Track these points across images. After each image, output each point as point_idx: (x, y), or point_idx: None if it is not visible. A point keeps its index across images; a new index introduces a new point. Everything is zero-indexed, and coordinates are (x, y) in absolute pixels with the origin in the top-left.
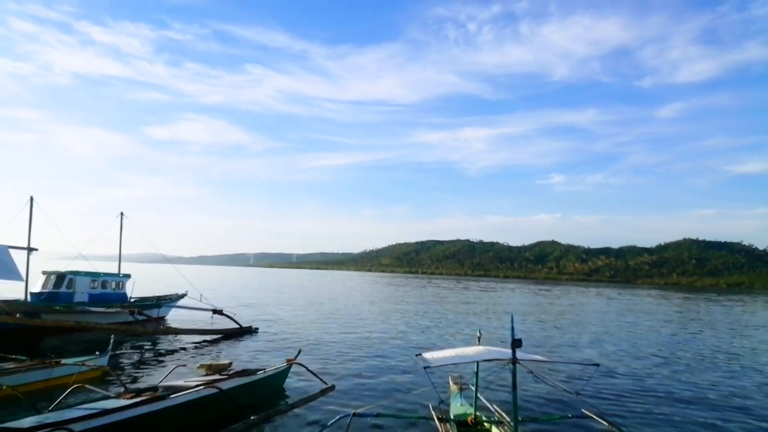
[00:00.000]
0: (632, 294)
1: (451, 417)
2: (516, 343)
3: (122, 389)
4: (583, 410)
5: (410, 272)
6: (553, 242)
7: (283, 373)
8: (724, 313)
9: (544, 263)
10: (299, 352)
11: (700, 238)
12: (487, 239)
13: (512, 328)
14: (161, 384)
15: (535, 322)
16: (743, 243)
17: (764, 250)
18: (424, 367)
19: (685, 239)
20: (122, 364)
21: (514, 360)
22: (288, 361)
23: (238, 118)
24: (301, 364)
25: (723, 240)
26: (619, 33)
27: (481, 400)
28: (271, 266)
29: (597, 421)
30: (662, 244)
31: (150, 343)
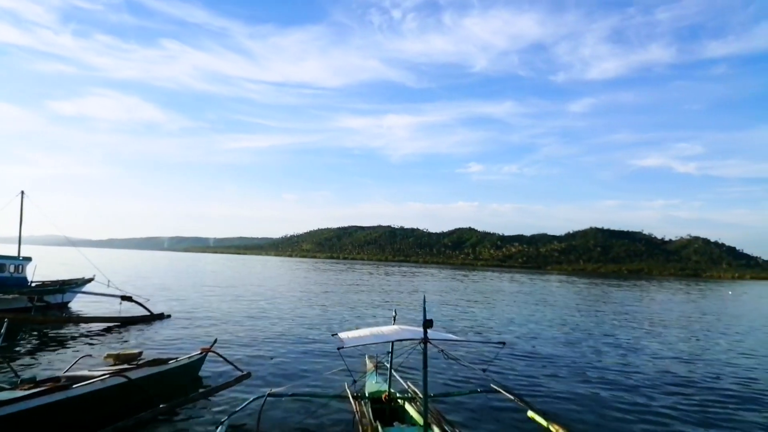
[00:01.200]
0: (542, 279)
1: (366, 395)
2: (427, 323)
3: (18, 380)
4: (491, 385)
5: (332, 258)
6: (471, 229)
7: (197, 363)
8: (625, 298)
9: (462, 249)
10: (215, 340)
11: (605, 227)
12: (408, 225)
13: (424, 309)
14: (64, 374)
15: (451, 305)
16: (643, 232)
17: (662, 239)
18: (338, 348)
19: (591, 228)
20: (18, 353)
21: (426, 339)
22: (203, 349)
23: (153, 94)
24: (216, 353)
25: (625, 229)
26: (535, 29)
27: (395, 378)
28: (187, 250)
29: (503, 394)
30: (571, 232)
31: (52, 331)
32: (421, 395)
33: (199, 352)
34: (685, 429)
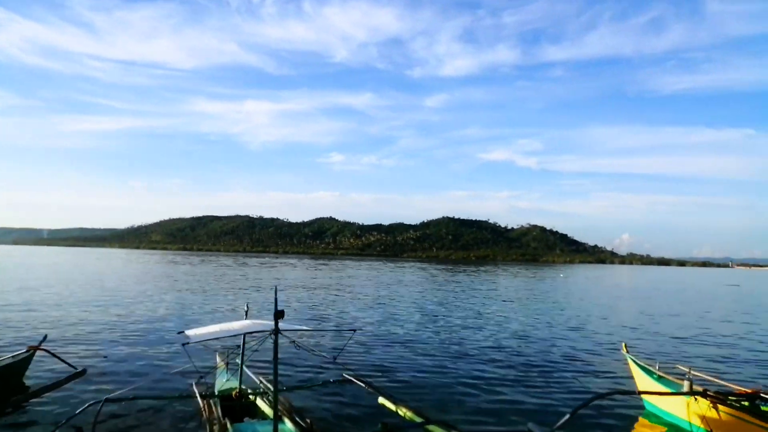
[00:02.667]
0: (398, 267)
1: (215, 393)
2: (279, 314)
3: None
4: (343, 374)
5: (185, 249)
6: (331, 219)
7: (23, 362)
8: (471, 281)
9: (323, 239)
10: (44, 337)
11: (456, 217)
12: (267, 215)
13: (275, 300)
14: None
15: (308, 295)
16: (489, 221)
17: (505, 227)
18: (183, 344)
19: (444, 217)
20: None
21: (276, 331)
22: (30, 347)
23: None
24: (46, 350)
25: (474, 218)
26: (394, 23)
27: (247, 373)
28: (16, 243)
29: (355, 383)
30: (425, 221)
31: None
32: (272, 389)
33: (25, 350)
34: (523, 397)
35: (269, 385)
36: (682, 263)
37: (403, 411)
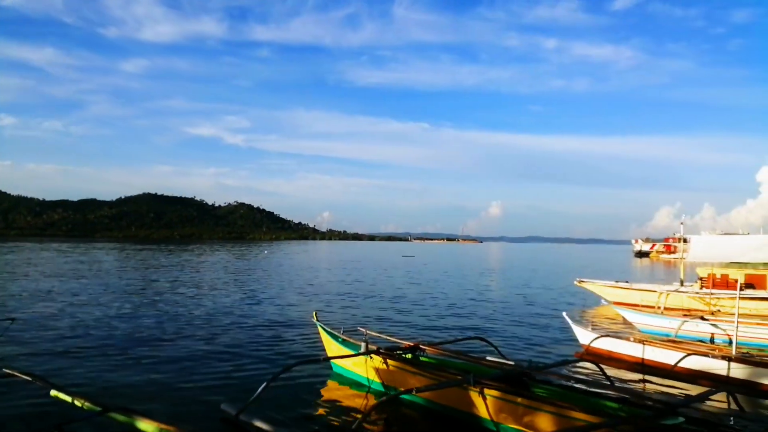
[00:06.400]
0: (90, 248)
1: None
2: None
3: None
4: (3, 369)
5: None
6: (2, 193)
7: None
8: (173, 260)
9: None
10: None
11: (159, 193)
12: None
13: None
14: None
15: None
16: (196, 198)
17: (212, 205)
18: None
19: (144, 193)
20: None
21: None
22: None
23: None
24: None
25: (179, 195)
26: None
27: None
28: None
29: (19, 377)
30: (123, 197)
31: None
32: None
33: None
34: (218, 375)
35: None
36: (372, 238)
37: (80, 402)
